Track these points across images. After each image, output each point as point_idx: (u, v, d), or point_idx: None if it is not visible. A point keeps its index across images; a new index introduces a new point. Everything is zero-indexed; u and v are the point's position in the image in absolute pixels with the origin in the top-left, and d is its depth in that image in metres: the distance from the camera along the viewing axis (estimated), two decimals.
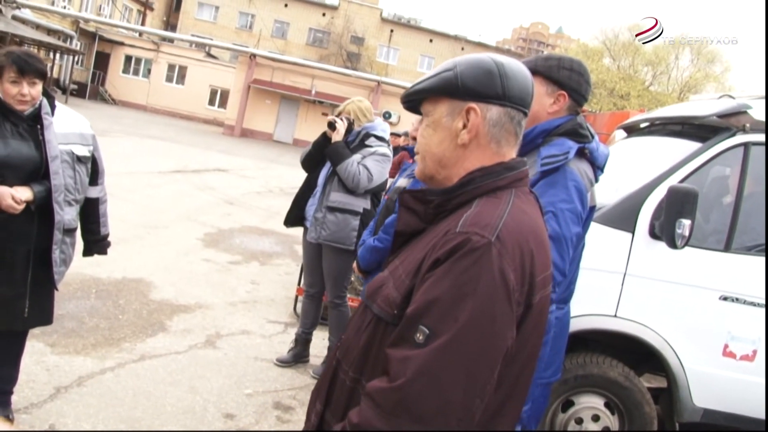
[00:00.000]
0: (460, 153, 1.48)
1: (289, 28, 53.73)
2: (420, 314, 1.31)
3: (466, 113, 1.46)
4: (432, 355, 1.27)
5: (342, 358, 1.53)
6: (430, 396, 1.26)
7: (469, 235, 1.32)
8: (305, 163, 4.89)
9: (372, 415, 1.30)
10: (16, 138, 3.21)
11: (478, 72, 1.46)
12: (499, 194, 1.44)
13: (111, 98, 43.82)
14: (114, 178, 12.32)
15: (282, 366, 4.92)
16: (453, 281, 1.30)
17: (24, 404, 3.69)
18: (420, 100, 1.55)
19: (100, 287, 5.97)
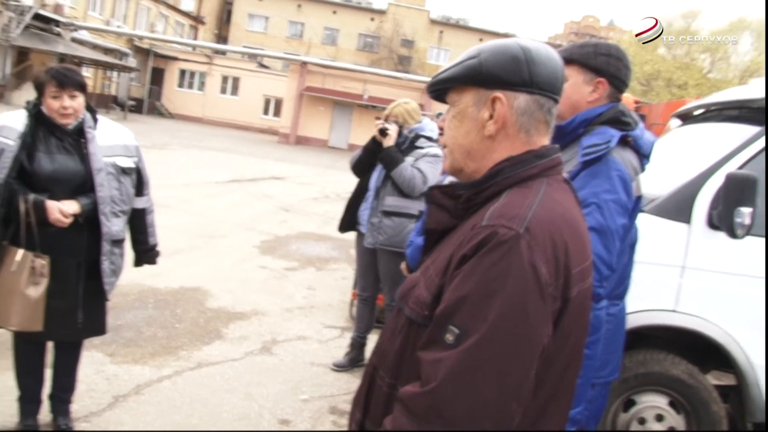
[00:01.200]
0: (488, 144, 1.40)
1: (338, 35, 54.11)
2: (449, 314, 1.25)
3: (492, 103, 1.38)
4: (463, 356, 1.20)
5: (378, 363, 1.48)
6: (462, 399, 1.19)
7: (496, 228, 1.25)
8: (356, 168, 4.88)
9: (405, 422, 1.25)
10: (61, 153, 3.25)
11: (502, 58, 1.38)
12: (529, 184, 1.35)
13: (168, 112, 44.89)
14: (172, 190, 12.61)
15: (338, 371, 4.89)
16: (480, 278, 1.22)
17: (84, 413, 3.75)
18: (445, 89, 1.48)
19: (157, 297, 6.05)
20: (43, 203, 3.13)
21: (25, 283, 3.14)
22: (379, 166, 4.67)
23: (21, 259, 3.15)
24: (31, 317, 3.15)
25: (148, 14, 44.63)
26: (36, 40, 30.31)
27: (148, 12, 44.67)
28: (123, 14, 41.49)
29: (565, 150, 2.43)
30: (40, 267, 3.17)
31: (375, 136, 4.64)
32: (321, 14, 53.78)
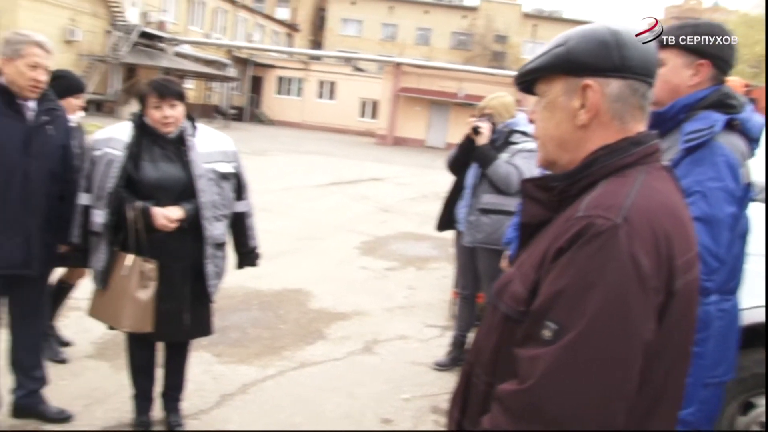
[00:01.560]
0: (581, 134, 1.34)
1: (431, 34, 54.08)
2: (545, 309, 1.20)
3: (583, 91, 1.32)
4: (561, 353, 1.15)
5: (474, 361, 1.45)
6: (562, 398, 1.14)
7: (592, 218, 1.19)
8: (452, 166, 4.85)
9: (503, 421, 1.21)
10: (165, 161, 3.37)
11: (591, 44, 1.31)
12: (626, 172, 1.28)
13: (268, 119, 46.17)
14: (272, 195, 12.92)
15: (440, 370, 4.86)
16: (577, 271, 1.17)
17: (193, 411, 3.87)
18: (534, 80, 1.42)
19: (261, 299, 6.20)
20: (149, 210, 3.25)
21: (135, 286, 3.26)
22: (475, 164, 4.62)
23: (131, 263, 3.28)
24: (142, 319, 3.28)
25: (245, 25, 46.04)
26: (142, 56, 31.84)
27: (246, 23, 46.08)
28: (222, 26, 42.96)
29: (666, 137, 2.30)
30: (149, 271, 3.29)
31: (468, 134, 4.59)
32: (413, 15, 53.93)
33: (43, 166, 3.37)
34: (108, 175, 3.28)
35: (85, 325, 4.55)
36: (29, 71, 3.24)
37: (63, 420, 3.60)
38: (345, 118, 45.55)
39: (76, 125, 4.26)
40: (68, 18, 29.36)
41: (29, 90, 3.28)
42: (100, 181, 3.30)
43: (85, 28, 30.16)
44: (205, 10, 40.86)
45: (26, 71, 3.23)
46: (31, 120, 3.34)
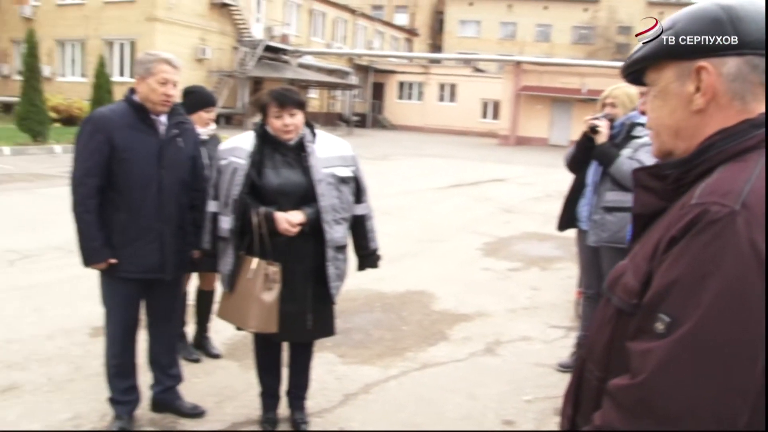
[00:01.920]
0: (697, 120, 1.26)
1: (551, 30, 52.96)
2: (658, 301, 1.13)
3: (697, 74, 1.23)
4: (674, 346, 1.09)
5: (587, 356, 1.40)
6: (676, 393, 1.08)
7: (707, 205, 1.12)
8: (571, 165, 4.72)
9: (614, 417, 1.16)
10: (285, 167, 3.49)
11: (701, 23, 1.23)
12: (746, 157, 1.19)
13: (390, 124, 46.76)
14: (394, 198, 13.07)
15: (564, 371, 4.74)
16: (692, 260, 1.10)
17: (317, 409, 3.98)
18: (642, 69, 1.35)
19: (384, 301, 6.28)
20: (272, 215, 3.37)
21: (260, 288, 3.39)
22: (596, 162, 4.48)
23: (256, 267, 3.41)
24: (267, 320, 3.41)
25: (365, 33, 46.85)
26: (268, 69, 33.07)
27: (365, 30, 46.88)
28: (342, 35, 43.94)
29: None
30: (273, 274, 3.41)
31: (586, 132, 4.45)
32: (532, 12, 53.00)
33: (175, 177, 3.58)
34: (233, 182, 3.43)
35: (217, 327, 4.77)
36: (160, 87, 3.44)
37: (197, 415, 3.80)
38: (466, 119, 45.37)
39: (211, 137, 4.47)
40: (198, 38, 30.98)
41: (161, 104, 3.49)
42: (226, 189, 3.46)
43: (213, 45, 31.72)
44: (325, 20, 41.94)
45: (157, 87, 3.44)
46: (162, 134, 3.55)
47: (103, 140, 3.39)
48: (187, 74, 27.73)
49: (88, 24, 30.69)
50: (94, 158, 3.39)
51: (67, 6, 31.48)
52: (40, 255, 7.24)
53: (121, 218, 3.47)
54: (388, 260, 7.76)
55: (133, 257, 3.49)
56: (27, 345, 4.71)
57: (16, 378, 4.18)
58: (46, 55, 29.96)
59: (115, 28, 30.02)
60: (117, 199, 3.46)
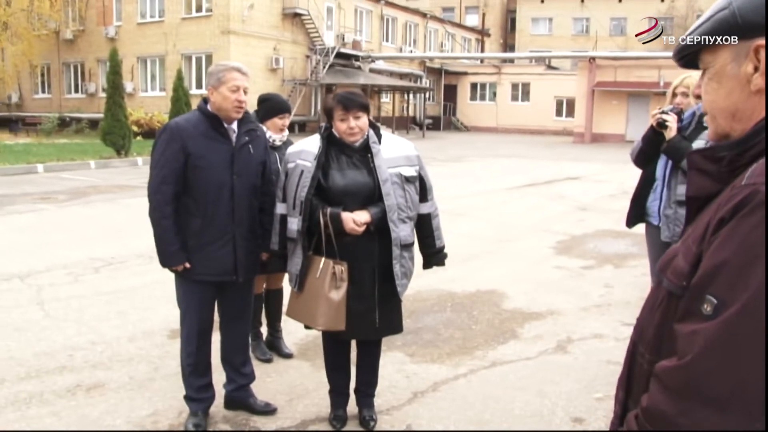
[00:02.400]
0: (755, 101, 1.22)
1: (626, 23, 51.59)
2: (706, 283, 1.13)
3: (755, 53, 1.20)
4: (721, 328, 1.08)
5: (638, 340, 1.39)
6: (722, 375, 1.07)
7: (757, 186, 1.10)
8: (638, 160, 4.63)
9: (661, 399, 1.16)
10: (351, 168, 3.56)
11: (759, 1, 1.19)
12: None
13: (463, 126, 46.58)
14: (468, 199, 13.06)
15: None
16: (741, 241, 1.09)
17: (386, 407, 4.03)
18: (696, 52, 1.33)
19: (455, 301, 6.29)
20: (339, 215, 3.45)
21: (328, 287, 3.47)
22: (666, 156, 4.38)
23: (323, 266, 3.49)
24: (335, 318, 3.48)
25: (436, 35, 46.84)
26: (340, 76, 33.46)
27: (436, 33, 46.87)
28: (413, 39, 44.04)
29: None
30: (340, 272, 3.48)
31: (653, 126, 4.36)
32: (606, 5, 51.80)
33: (246, 182, 3.71)
34: (300, 184, 3.52)
35: (289, 328, 4.89)
36: (232, 94, 3.58)
37: (268, 412, 3.91)
38: (540, 118, 44.72)
39: (284, 143, 4.58)
40: (272, 48, 31.68)
41: (234, 111, 3.62)
42: (294, 191, 3.55)
43: (286, 55, 32.35)
44: (396, 25, 42.15)
45: (229, 95, 3.58)
46: (234, 141, 3.68)
47: (179, 149, 3.54)
48: (261, 84, 28.59)
49: (167, 40, 31.81)
50: (170, 166, 3.55)
51: (148, 24, 32.71)
52: (123, 262, 7.56)
53: (196, 223, 3.61)
54: (460, 260, 7.82)
55: (207, 260, 3.63)
56: (110, 346, 4.95)
57: (100, 377, 4.40)
58: (128, 72, 31.22)
59: (192, 42, 31.02)
60: (192, 205, 3.61)
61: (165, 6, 32.08)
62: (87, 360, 4.68)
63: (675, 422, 1.12)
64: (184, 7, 31.58)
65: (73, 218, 10.59)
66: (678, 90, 4.39)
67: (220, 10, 30.11)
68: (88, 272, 7.10)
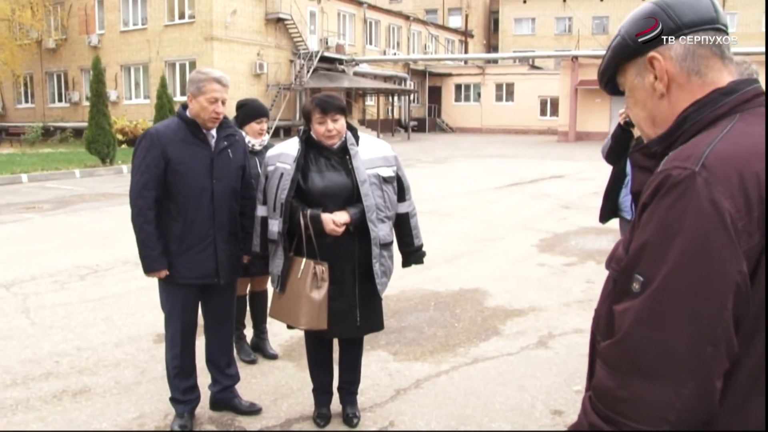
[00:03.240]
0: (665, 105, 1.38)
1: (609, 21, 51.87)
2: (633, 263, 1.23)
3: (650, 64, 1.36)
4: (646, 302, 1.18)
5: (595, 329, 1.49)
6: (650, 346, 1.17)
7: (669, 170, 1.21)
8: (609, 157, 4.75)
9: (603, 375, 1.25)
10: (330, 170, 3.63)
11: (640, 21, 1.38)
12: (718, 123, 1.28)
13: (448, 127, 46.73)
14: (453, 200, 13.14)
15: None
16: (658, 221, 1.20)
17: (369, 404, 4.10)
18: (612, 80, 1.49)
19: (438, 300, 6.36)
20: (319, 216, 3.52)
21: (310, 287, 3.53)
22: None
23: (304, 266, 3.56)
24: (317, 317, 3.54)
25: (419, 38, 46.94)
26: (324, 79, 33.47)
27: (419, 35, 46.98)
28: (396, 42, 44.13)
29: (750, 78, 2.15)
30: (321, 272, 3.54)
31: (621, 124, 4.48)
32: (588, 4, 52.10)
33: (226, 186, 3.76)
34: (280, 187, 3.58)
35: (274, 330, 4.94)
36: (210, 105, 3.63)
37: (253, 412, 3.97)
38: (525, 118, 44.93)
39: (265, 147, 4.62)
40: (255, 53, 31.65)
41: (211, 121, 3.68)
42: (274, 194, 3.62)
43: (270, 60, 32.33)
44: (379, 28, 42.23)
45: (207, 105, 3.63)
46: (213, 146, 3.74)
47: (158, 154, 3.60)
48: (245, 89, 28.56)
49: (151, 47, 31.75)
50: (150, 172, 3.60)
51: (130, 32, 32.63)
52: (109, 269, 7.58)
53: (178, 227, 3.67)
54: (445, 260, 7.90)
55: (189, 264, 3.68)
56: (96, 352, 4.98)
57: (86, 382, 4.44)
58: (111, 80, 31.15)
59: (175, 49, 30.97)
60: (173, 209, 3.66)
61: (148, 13, 32.01)
62: (73, 366, 4.72)
63: (616, 395, 1.21)
64: (167, 14, 31.54)
65: (59, 227, 10.59)
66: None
67: (202, 17, 30.08)
68: (73, 280, 7.12)
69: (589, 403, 1.30)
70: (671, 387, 1.14)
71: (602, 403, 1.25)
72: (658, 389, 1.15)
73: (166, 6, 31.45)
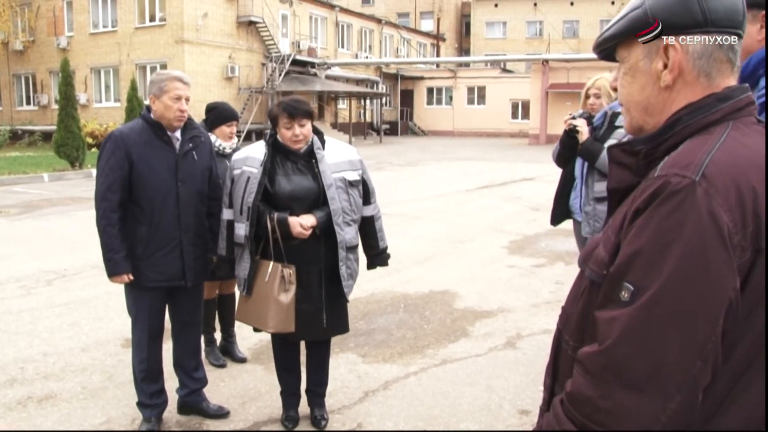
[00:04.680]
0: (665, 96, 1.32)
1: (579, 26, 52.49)
2: (623, 271, 1.19)
3: (664, 51, 1.29)
4: (638, 313, 1.15)
5: (563, 327, 1.46)
6: (639, 358, 1.14)
7: (668, 177, 1.17)
8: (558, 161, 4.86)
9: (583, 382, 1.21)
10: (297, 174, 3.65)
11: (670, 1, 1.27)
12: (712, 130, 1.25)
13: (420, 130, 46.86)
14: (425, 203, 13.20)
15: None
16: (654, 230, 1.16)
17: (338, 406, 4.11)
18: (613, 46, 1.41)
19: (408, 302, 6.39)
20: (286, 220, 3.53)
21: (277, 290, 3.54)
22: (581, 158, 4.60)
23: (272, 269, 3.56)
24: (285, 320, 3.55)
25: (391, 41, 47.00)
26: (296, 83, 33.39)
27: (391, 39, 47.03)
28: (368, 45, 44.13)
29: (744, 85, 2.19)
30: (288, 275, 3.55)
31: (567, 130, 4.58)
32: (558, 9, 52.59)
33: (191, 188, 3.76)
34: (247, 191, 3.59)
35: (243, 333, 4.94)
36: (174, 104, 3.63)
37: (221, 416, 3.96)
38: (497, 121, 45.19)
39: (234, 150, 4.60)
40: (227, 56, 31.46)
41: (176, 120, 3.67)
42: (241, 197, 3.62)
43: (242, 63, 32.18)
44: (351, 31, 42.21)
45: (171, 104, 3.62)
46: (178, 148, 3.73)
47: (123, 157, 3.58)
48: (217, 93, 28.40)
49: (121, 50, 31.43)
50: (114, 174, 3.59)
51: (100, 34, 32.25)
52: (77, 273, 7.51)
53: (143, 230, 3.65)
54: (415, 262, 7.94)
55: (155, 266, 3.67)
56: (63, 357, 4.94)
57: (52, 388, 4.39)
58: (81, 83, 30.78)
59: (146, 52, 30.68)
60: (138, 212, 3.65)
61: (118, 15, 31.67)
62: (39, 371, 4.67)
63: (597, 405, 1.18)
64: (137, 16, 31.24)
65: (26, 231, 10.45)
66: (590, 92, 4.62)
67: (173, 20, 29.85)
68: (40, 285, 7.04)
69: (561, 409, 1.27)
70: (658, 400, 1.12)
71: (579, 412, 1.22)
72: (644, 402, 1.13)
73: (137, 8, 31.15)
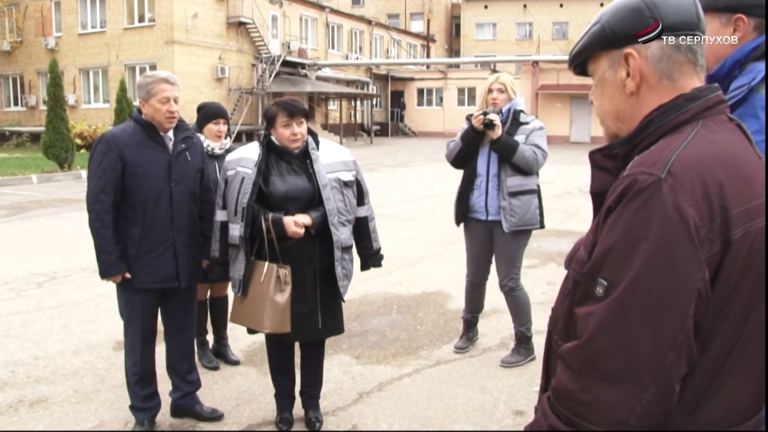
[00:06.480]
0: (633, 102, 1.38)
1: (568, 27, 52.58)
2: (597, 267, 1.24)
3: (625, 60, 1.36)
4: (611, 307, 1.19)
5: (552, 328, 1.51)
6: (614, 351, 1.18)
7: (636, 175, 1.23)
8: (457, 161, 4.89)
9: (565, 377, 1.26)
10: (291, 174, 3.64)
11: (623, 13, 1.36)
12: (682, 129, 1.30)
13: (411, 131, 46.83)
14: (416, 203, 13.20)
15: None
16: (624, 226, 1.21)
17: (332, 408, 4.10)
18: (583, 62, 1.48)
19: (401, 303, 6.38)
20: (281, 220, 3.52)
21: (273, 290, 3.52)
22: (484, 151, 4.69)
23: (267, 270, 3.55)
24: (280, 321, 3.54)
25: (381, 42, 47.00)
26: (286, 84, 33.33)
27: (381, 40, 47.04)
28: (359, 46, 44.10)
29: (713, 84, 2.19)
30: (284, 276, 3.54)
31: (476, 126, 4.59)
32: (548, 10, 52.72)
33: (184, 189, 3.74)
34: (242, 191, 3.57)
35: (236, 336, 4.92)
36: (162, 106, 3.60)
37: (215, 419, 3.94)
38: None
39: (226, 152, 4.56)
40: (217, 57, 31.37)
41: (167, 122, 3.65)
42: (235, 198, 3.60)
43: (232, 64, 32.08)
44: (341, 32, 42.17)
45: (160, 107, 3.60)
46: (170, 149, 3.71)
47: (115, 158, 3.56)
48: (207, 94, 28.30)
49: (110, 51, 31.27)
50: (107, 176, 3.56)
51: (89, 35, 32.08)
52: (67, 276, 7.46)
53: (136, 231, 3.63)
54: (407, 264, 7.93)
55: (148, 268, 3.64)
56: (54, 360, 4.90)
57: (44, 391, 4.35)
58: (70, 84, 30.61)
59: (135, 53, 30.53)
60: (131, 213, 3.62)
61: (107, 16, 31.51)
62: (30, 375, 4.63)
63: (578, 398, 1.22)
64: (126, 17, 31.09)
65: (15, 234, 10.38)
66: (494, 86, 4.70)
67: (163, 20, 29.73)
68: (30, 287, 6.98)
69: (548, 405, 1.31)
70: (633, 391, 1.16)
71: (563, 406, 1.26)
72: (621, 393, 1.17)
73: (126, 9, 30.99)
